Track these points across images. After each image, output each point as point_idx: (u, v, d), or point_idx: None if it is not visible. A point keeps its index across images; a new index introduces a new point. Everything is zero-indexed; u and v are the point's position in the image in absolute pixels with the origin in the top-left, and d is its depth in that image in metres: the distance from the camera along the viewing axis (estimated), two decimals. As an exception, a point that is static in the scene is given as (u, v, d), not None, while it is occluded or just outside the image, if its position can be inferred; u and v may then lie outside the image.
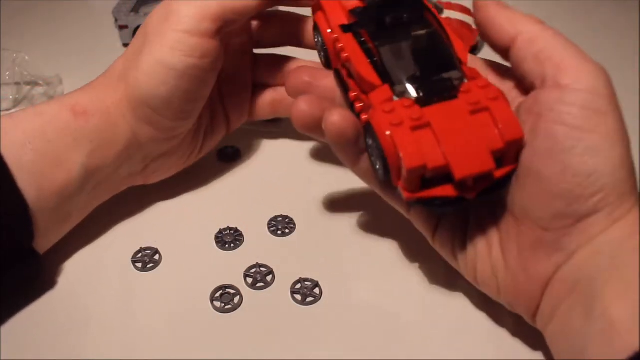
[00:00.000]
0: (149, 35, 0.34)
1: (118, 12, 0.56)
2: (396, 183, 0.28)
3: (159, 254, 0.36)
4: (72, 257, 0.36)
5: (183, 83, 0.34)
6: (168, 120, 0.35)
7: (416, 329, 0.32)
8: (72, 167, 0.33)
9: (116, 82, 0.35)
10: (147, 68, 0.33)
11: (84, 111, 0.34)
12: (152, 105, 0.34)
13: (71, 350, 0.31)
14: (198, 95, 0.36)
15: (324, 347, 0.31)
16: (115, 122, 0.35)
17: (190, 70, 0.34)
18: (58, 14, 0.63)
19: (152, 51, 0.33)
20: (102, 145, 0.34)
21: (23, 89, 0.49)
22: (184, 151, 0.39)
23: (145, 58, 0.34)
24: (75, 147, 0.33)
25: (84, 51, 0.56)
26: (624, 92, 0.30)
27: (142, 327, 0.32)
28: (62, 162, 0.33)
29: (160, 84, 0.34)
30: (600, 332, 0.25)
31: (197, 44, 0.33)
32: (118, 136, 0.35)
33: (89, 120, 0.34)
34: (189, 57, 0.33)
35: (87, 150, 0.34)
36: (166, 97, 0.34)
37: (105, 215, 0.38)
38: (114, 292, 0.34)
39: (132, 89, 0.34)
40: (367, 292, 0.34)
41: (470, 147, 0.27)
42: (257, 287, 0.34)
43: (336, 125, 0.31)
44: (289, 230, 0.38)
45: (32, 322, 0.32)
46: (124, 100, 0.35)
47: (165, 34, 0.33)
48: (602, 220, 0.27)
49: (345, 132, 0.31)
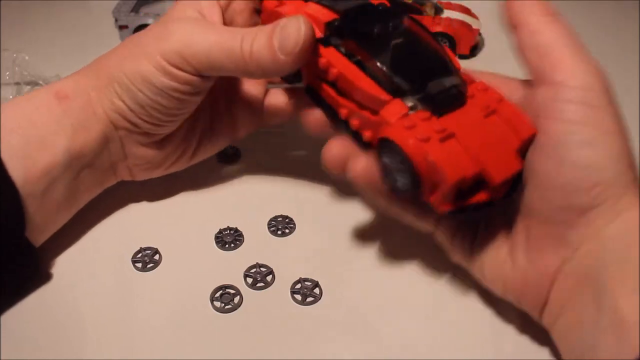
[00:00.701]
0: (139, 45, 0.35)
1: (118, 12, 0.56)
2: (428, 199, 0.28)
3: (159, 254, 0.36)
4: (72, 258, 0.36)
5: (161, 99, 0.34)
6: (142, 122, 0.35)
7: (416, 329, 0.32)
8: (56, 150, 0.33)
9: (101, 72, 0.36)
10: (128, 71, 0.34)
11: (65, 95, 0.35)
12: (128, 102, 0.34)
13: (71, 350, 0.31)
14: (177, 111, 0.35)
15: (324, 347, 0.31)
16: (94, 107, 0.35)
17: (170, 91, 0.34)
18: (58, 14, 0.63)
19: (136, 59, 0.34)
20: (83, 128, 0.35)
21: (23, 89, 0.49)
22: (170, 149, 0.38)
23: (128, 61, 0.34)
24: (58, 130, 0.34)
25: (84, 51, 0.56)
26: (624, 91, 0.30)
27: (142, 327, 0.32)
28: (47, 145, 0.33)
29: (137, 90, 0.34)
30: (611, 328, 0.25)
31: (180, 76, 0.33)
32: (97, 121, 0.35)
33: (70, 104, 0.35)
34: (171, 81, 0.33)
35: (69, 133, 0.34)
36: (143, 104, 0.34)
37: (105, 215, 0.38)
38: (113, 292, 0.34)
39: (112, 81, 0.35)
40: (367, 292, 0.34)
41: (497, 151, 0.28)
42: (257, 287, 0.34)
43: (361, 174, 0.31)
44: (289, 230, 0.38)
45: (31, 322, 0.32)
46: (103, 88, 0.35)
47: (153, 54, 0.33)
48: (605, 213, 0.27)
49: (373, 178, 0.31)
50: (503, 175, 0.27)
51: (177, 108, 0.35)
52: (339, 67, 0.30)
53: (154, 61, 0.33)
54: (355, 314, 0.33)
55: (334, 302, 0.33)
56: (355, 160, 0.31)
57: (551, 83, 0.28)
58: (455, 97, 0.29)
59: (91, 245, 0.36)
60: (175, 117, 0.36)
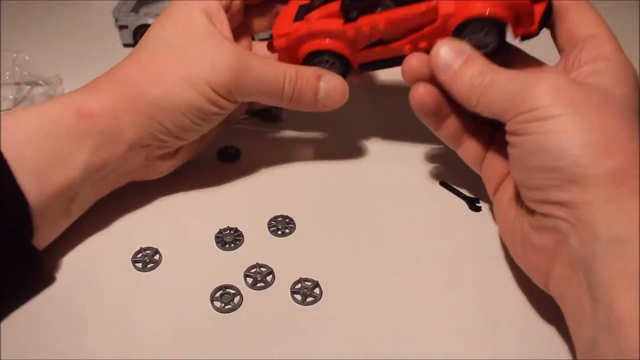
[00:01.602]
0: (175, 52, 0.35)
1: (118, 12, 0.56)
2: (520, 32, 0.34)
3: (159, 254, 0.36)
4: (72, 258, 0.36)
5: (203, 122, 0.36)
6: (176, 139, 0.37)
7: (417, 329, 0.32)
8: (75, 166, 0.33)
9: (126, 88, 0.35)
10: (170, 93, 0.35)
11: (90, 113, 0.34)
12: (166, 124, 0.36)
13: (71, 350, 0.31)
14: (208, 128, 0.38)
15: (324, 347, 0.31)
16: (125, 129, 0.35)
17: (213, 115, 0.36)
18: (58, 14, 0.63)
19: (184, 90, 0.35)
20: (106, 144, 0.34)
21: (23, 89, 0.49)
22: (185, 150, 0.40)
23: (168, 83, 0.35)
24: (78, 146, 0.33)
25: (84, 51, 0.56)
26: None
27: (142, 327, 0.32)
28: (65, 161, 0.33)
29: (183, 116, 0.35)
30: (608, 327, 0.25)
31: (224, 104, 0.36)
32: (122, 137, 0.35)
33: (95, 121, 0.34)
34: (217, 108, 0.36)
35: (90, 149, 0.34)
36: (182, 124, 0.36)
37: (105, 215, 0.38)
38: (113, 292, 0.34)
39: (148, 105, 0.35)
40: (367, 292, 0.34)
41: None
42: (257, 287, 0.34)
43: (418, 98, 0.36)
44: (289, 230, 0.38)
45: (31, 322, 0.32)
46: (138, 113, 0.35)
47: (200, 84, 0.35)
48: (591, 202, 0.27)
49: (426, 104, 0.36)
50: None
51: (210, 126, 0.37)
52: (377, 21, 0.36)
53: (203, 91, 0.35)
54: (355, 314, 0.33)
55: (334, 302, 0.33)
56: (416, 85, 0.36)
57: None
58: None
59: (91, 245, 0.36)
60: (208, 130, 0.38)
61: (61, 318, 0.32)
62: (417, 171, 0.42)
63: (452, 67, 0.33)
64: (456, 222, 0.39)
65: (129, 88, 0.35)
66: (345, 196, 0.40)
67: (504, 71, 0.32)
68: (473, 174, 0.38)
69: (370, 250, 0.37)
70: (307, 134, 0.46)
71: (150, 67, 0.36)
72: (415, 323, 0.32)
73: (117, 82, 0.36)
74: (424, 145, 0.44)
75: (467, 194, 0.40)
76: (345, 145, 0.45)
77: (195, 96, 0.35)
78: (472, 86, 0.32)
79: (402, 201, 0.40)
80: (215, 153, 0.44)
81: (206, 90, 0.35)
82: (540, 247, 0.30)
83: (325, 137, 0.46)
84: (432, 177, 0.42)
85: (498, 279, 0.35)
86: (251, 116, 0.47)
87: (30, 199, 0.31)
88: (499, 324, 0.32)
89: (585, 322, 0.27)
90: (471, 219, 0.39)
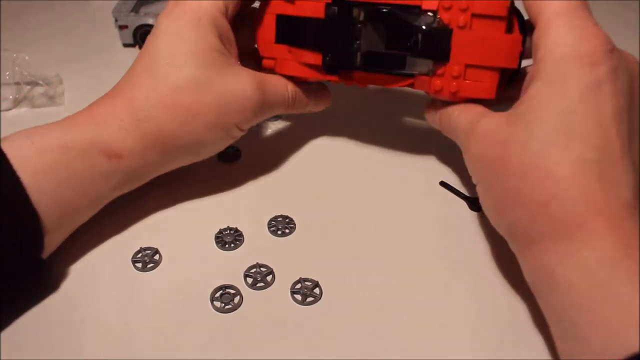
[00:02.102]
0: (205, 103, 0.35)
1: (118, 12, 0.56)
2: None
3: (159, 254, 0.36)
4: (72, 257, 0.35)
5: (215, 148, 0.39)
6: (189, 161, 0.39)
7: (416, 329, 0.32)
8: (98, 198, 0.35)
9: (154, 129, 0.35)
10: (197, 144, 0.37)
11: (119, 155, 0.34)
12: (186, 160, 0.38)
13: (70, 349, 0.31)
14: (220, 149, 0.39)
15: (324, 347, 0.31)
16: (147, 164, 0.36)
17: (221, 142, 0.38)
18: (58, 14, 0.63)
19: (209, 132, 0.36)
20: (131, 181, 0.36)
21: (23, 89, 0.49)
22: None
23: (201, 133, 0.36)
24: (103, 182, 0.34)
25: (84, 51, 0.56)
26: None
27: (142, 327, 0.32)
28: (87, 193, 0.34)
29: (204, 151, 0.38)
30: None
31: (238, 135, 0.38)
32: (147, 174, 0.37)
33: (124, 164, 0.34)
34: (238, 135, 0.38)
35: (115, 184, 0.35)
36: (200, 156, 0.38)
37: (105, 215, 0.38)
38: (113, 292, 0.34)
39: (177, 148, 0.36)
40: (367, 292, 0.34)
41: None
42: (257, 287, 0.34)
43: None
44: (289, 230, 0.38)
45: (31, 322, 0.32)
46: (160, 147, 0.35)
47: (230, 125, 0.37)
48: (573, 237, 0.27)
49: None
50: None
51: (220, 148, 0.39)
52: (359, 78, 0.37)
53: (232, 130, 0.37)
54: (355, 314, 0.33)
55: (334, 302, 0.33)
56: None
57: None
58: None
59: (91, 245, 0.36)
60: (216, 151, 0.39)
61: (61, 318, 0.32)
62: (417, 171, 0.42)
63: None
64: (456, 222, 0.39)
65: (158, 130, 0.35)
66: (345, 196, 0.40)
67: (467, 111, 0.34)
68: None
69: (370, 250, 0.37)
70: (307, 135, 0.46)
71: (178, 112, 0.35)
72: (415, 323, 0.32)
73: (143, 120, 0.34)
74: (423, 146, 0.44)
75: (467, 194, 0.40)
76: (345, 145, 0.45)
77: (223, 135, 0.37)
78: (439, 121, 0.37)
79: (402, 201, 0.40)
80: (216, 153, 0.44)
81: (234, 129, 0.37)
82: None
83: (325, 138, 0.46)
84: (432, 177, 0.42)
85: (498, 279, 0.35)
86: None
87: (46, 222, 0.31)
88: (499, 324, 0.32)
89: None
90: (471, 219, 0.39)
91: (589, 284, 0.25)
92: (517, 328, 0.32)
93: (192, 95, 0.35)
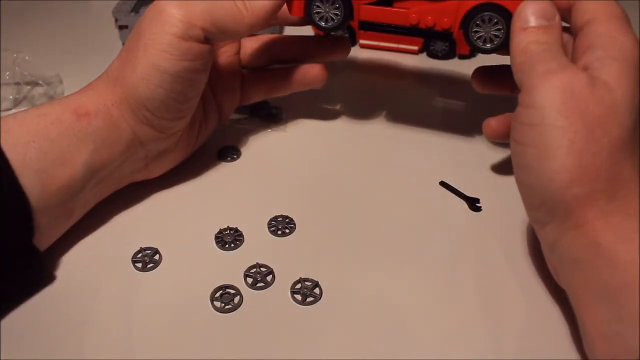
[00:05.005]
0: (142, 37, 0.35)
1: (118, 12, 0.56)
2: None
3: (159, 254, 0.36)
4: (72, 257, 0.35)
5: (177, 85, 0.35)
6: (166, 121, 0.37)
7: (416, 329, 0.32)
8: (76, 166, 0.34)
9: (114, 84, 0.36)
10: (143, 72, 0.34)
11: (86, 112, 0.34)
12: (150, 107, 0.35)
13: (71, 350, 0.31)
14: (192, 94, 0.37)
15: (324, 347, 0.31)
16: (117, 123, 0.35)
17: (184, 72, 0.35)
18: (58, 14, 0.63)
19: (146, 54, 0.34)
20: (105, 144, 0.35)
21: (23, 89, 0.49)
22: (182, 145, 0.40)
23: (140, 62, 0.35)
24: (78, 146, 0.34)
25: (84, 51, 0.56)
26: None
27: (142, 327, 0.32)
28: (66, 161, 0.33)
29: (156, 86, 0.35)
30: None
31: (188, 48, 0.34)
32: (120, 136, 0.36)
33: (91, 121, 0.34)
34: (182, 60, 0.35)
35: (90, 150, 0.34)
36: (163, 99, 0.35)
37: (105, 215, 0.38)
38: (113, 292, 0.34)
39: (130, 92, 0.35)
40: (367, 292, 0.34)
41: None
42: (257, 287, 0.34)
43: (491, 130, 0.40)
44: (289, 230, 0.38)
45: (31, 321, 0.32)
46: (124, 103, 0.35)
47: (158, 37, 0.34)
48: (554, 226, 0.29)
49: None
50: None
51: (191, 90, 0.36)
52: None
53: (161, 43, 0.34)
54: (355, 314, 0.33)
55: (334, 302, 0.33)
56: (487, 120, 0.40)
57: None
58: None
59: (91, 245, 0.36)
60: (191, 101, 0.37)
61: (61, 318, 0.32)
62: (417, 171, 0.42)
63: (528, 23, 0.32)
64: (456, 222, 0.39)
65: (114, 83, 0.36)
66: (345, 196, 0.40)
67: (559, 57, 0.31)
68: (473, 174, 0.38)
69: (370, 250, 0.37)
70: (307, 134, 0.46)
71: (125, 54, 0.36)
72: (415, 323, 0.32)
73: (105, 80, 0.36)
74: (423, 146, 0.44)
75: (467, 194, 0.40)
76: (345, 145, 0.45)
77: (168, 38, 0.34)
78: (525, 47, 0.32)
79: (402, 201, 0.40)
80: (216, 153, 0.44)
81: (178, 27, 0.34)
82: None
83: (325, 137, 0.46)
84: (432, 177, 0.42)
85: (498, 279, 0.35)
86: (251, 116, 0.47)
87: (31, 197, 0.31)
88: (499, 324, 0.32)
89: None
90: (471, 219, 0.39)
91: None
92: (517, 328, 0.32)
93: (136, 41, 0.35)
